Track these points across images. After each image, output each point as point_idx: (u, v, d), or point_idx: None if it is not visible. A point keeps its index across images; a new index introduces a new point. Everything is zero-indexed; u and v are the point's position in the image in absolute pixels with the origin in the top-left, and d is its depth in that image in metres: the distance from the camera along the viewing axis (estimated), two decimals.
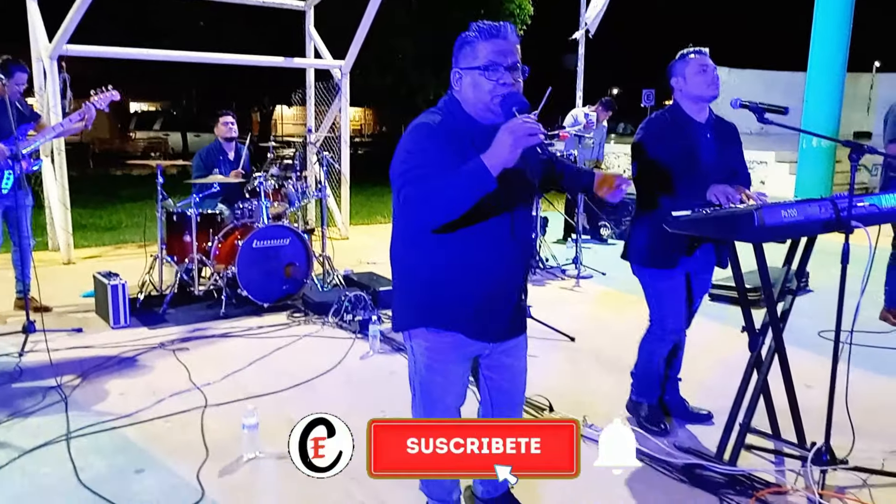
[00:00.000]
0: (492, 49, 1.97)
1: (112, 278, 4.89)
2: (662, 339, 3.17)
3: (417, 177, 1.90)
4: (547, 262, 6.64)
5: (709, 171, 2.97)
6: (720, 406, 3.08)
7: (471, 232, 2.04)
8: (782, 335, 2.88)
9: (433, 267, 2.12)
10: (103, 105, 4.72)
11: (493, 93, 1.97)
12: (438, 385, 2.24)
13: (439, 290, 2.13)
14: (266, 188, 5.39)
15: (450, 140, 1.97)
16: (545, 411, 3.38)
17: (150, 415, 3.46)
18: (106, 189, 13.10)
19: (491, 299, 2.13)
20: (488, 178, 1.81)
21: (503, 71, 1.97)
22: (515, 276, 2.16)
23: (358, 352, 4.34)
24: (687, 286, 3.15)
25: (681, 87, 3.04)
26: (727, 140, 3.12)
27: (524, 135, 1.79)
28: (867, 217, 2.66)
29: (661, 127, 3.02)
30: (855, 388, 3.67)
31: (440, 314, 2.14)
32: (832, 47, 10.40)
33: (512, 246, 2.09)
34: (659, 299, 3.14)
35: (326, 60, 7.89)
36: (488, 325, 2.16)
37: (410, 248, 2.16)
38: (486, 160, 1.82)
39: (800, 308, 5.12)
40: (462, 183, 1.83)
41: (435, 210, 1.89)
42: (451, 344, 2.17)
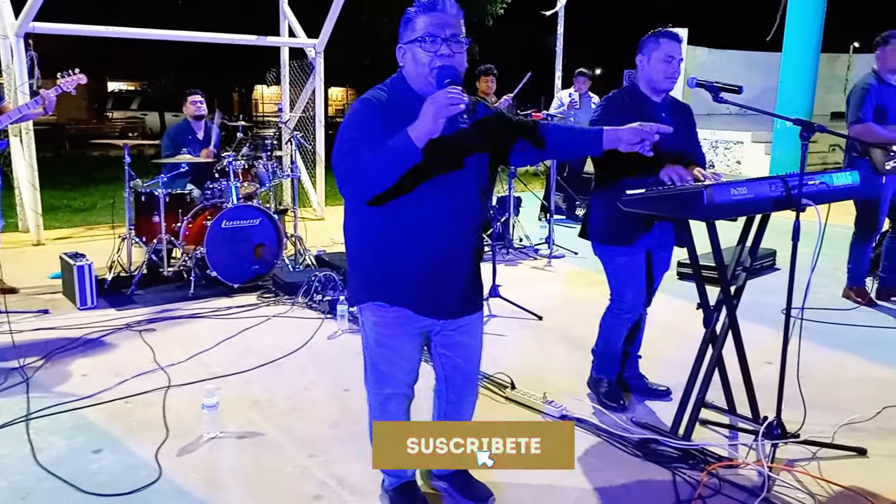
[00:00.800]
0: (429, 21, 1.99)
1: (78, 259, 4.85)
2: (622, 316, 3.21)
3: (349, 150, 1.95)
4: (521, 241, 6.67)
5: (665, 150, 2.98)
6: (680, 382, 3.12)
7: (410, 206, 2.05)
8: (735, 312, 2.92)
9: (376, 241, 2.14)
10: (70, 88, 4.62)
11: (431, 65, 1.98)
12: (387, 359, 2.26)
13: (383, 264, 2.15)
14: (235, 168, 5.35)
15: (390, 115, 1.99)
16: (507, 388, 3.41)
17: (112, 395, 3.45)
18: (81, 170, 12.95)
19: (435, 274, 2.13)
20: (413, 150, 1.85)
21: (441, 42, 1.98)
22: (460, 252, 2.16)
23: (326, 332, 4.35)
24: (647, 264, 3.17)
25: (643, 67, 3.05)
26: (682, 120, 3.14)
27: (445, 104, 1.81)
28: (818, 195, 2.69)
29: (618, 106, 3.04)
30: (811, 364, 3.76)
31: (385, 288, 2.16)
32: (806, 28, 10.46)
33: (453, 221, 2.09)
34: (618, 276, 3.17)
35: (300, 39, 7.80)
36: (435, 301, 2.17)
37: (356, 222, 2.19)
38: (411, 132, 1.86)
39: (766, 286, 5.24)
40: (388, 155, 1.88)
41: (363, 182, 1.94)
42: (397, 319, 2.18)
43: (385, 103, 2.03)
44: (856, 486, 2.66)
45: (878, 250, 5.07)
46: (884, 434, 3.09)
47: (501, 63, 7.52)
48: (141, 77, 26.02)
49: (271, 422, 3.21)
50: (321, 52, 7.74)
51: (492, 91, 6.74)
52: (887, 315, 4.74)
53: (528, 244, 6.61)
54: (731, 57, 18.42)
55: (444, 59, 1.97)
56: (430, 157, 1.90)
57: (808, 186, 2.64)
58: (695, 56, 17.50)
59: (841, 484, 2.66)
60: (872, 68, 4.70)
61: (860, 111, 4.54)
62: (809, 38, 10.50)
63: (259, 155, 5.68)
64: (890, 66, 4.58)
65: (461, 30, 2.03)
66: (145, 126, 19.67)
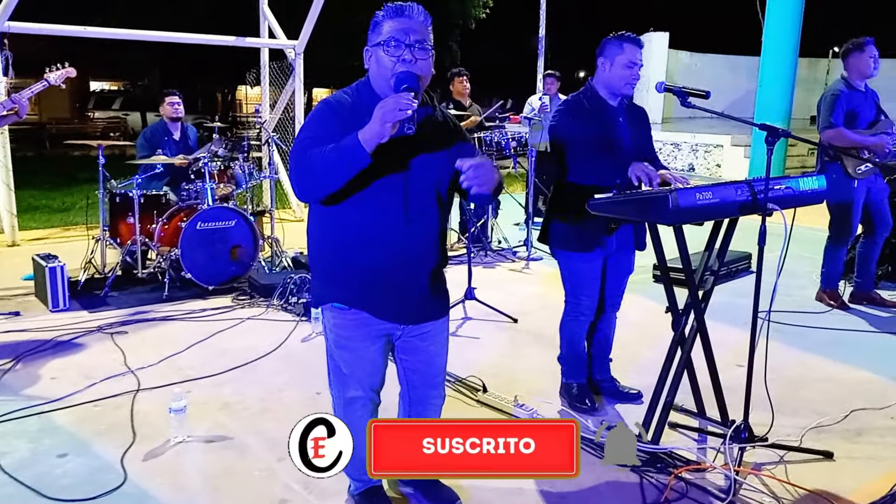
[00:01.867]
0: (395, 27, 1.99)
1: (50, 260, 4.79)
2: (578, 318, 3.23)
3: (300, 149, 1.98)
4: (499, 243, 6.68)
5: (623, 153, 3.02)
6: (652, 384, 3.13)
7: (363, 208, 2.06)
8: (704, 315, 2.94)
9: (332, 241, 2.15)
10: (58, 81, 4.49)
11: (392, 70, 1.98)
12: (347, 361, 2.25)
13: (338, 265, 2.16)
14: (211, 169, 5.31)
15: (349, 117, 1.99)
16: (479, 392, 3.41)
17: (81, 399, 3.42)
18: (62, 170, 12.83)
19: (390, 279, 2.13)
20: (361, 153, 1.86)
21: (404, 48, 1.98)
22: (418, 259, 2.15)
23: (300, 334, 4.32)
24: (605, 268, 3.19)
25: (604, 71, 3.05)
26: (639, 124, 3.18)
27: (393, 109, 1.82)
28: (784, 199, 2.71)
29: (577, 110, 3.06)
30: (780, 365, 3.80)
31: (343, 290, 2.16)
32: (784, 32, 10.56)
33: (407, 227, 2.09)
34: (574, 280, 3.19)
35: (280, 40, 7.77)
36: (394, 306, 2.17)
37: (315, 222, 2.19)
38: (361, 135, 1.87)
39: (743, 289, 5.27)
40: (336, 156, 1.90)
41: (312, 180, 1.96)
42: (356, 321, 2.18)
43: (347, 106, 2.04)
44: (821, 489, 2.68)
45: (851, 254, 5.12)
46: (850, 436, 3.12)
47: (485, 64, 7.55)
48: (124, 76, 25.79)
49: (241, 424, 3.18)
50: (301, 53, 7.71)
51: (466, 91, 6.72)
52: (858, 318, 4.79)
53: (507, 246, 6.62)
54: (713, 60, 18.59)
55: (405, 64, 1.98)
56: (377, 160, 1.91)
57: (774, 191, 2.66)
58: (677, 59, 17.65)
59: (807, 487, 2.68)
60: (842, 75, 4.75)
61: (831, 116, 4.59)
62: (787, 42, 10.60)
63: (236, 156, 5.65)
64: (859, 73, 4.64)
65: (427, 36, 2.03)
66: (127, 126, 19.50)
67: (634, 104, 3.24)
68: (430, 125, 2.11)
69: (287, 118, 8.33)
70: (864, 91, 4.70)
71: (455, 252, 6.32)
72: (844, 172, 4.66)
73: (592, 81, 3.12)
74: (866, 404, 3.42)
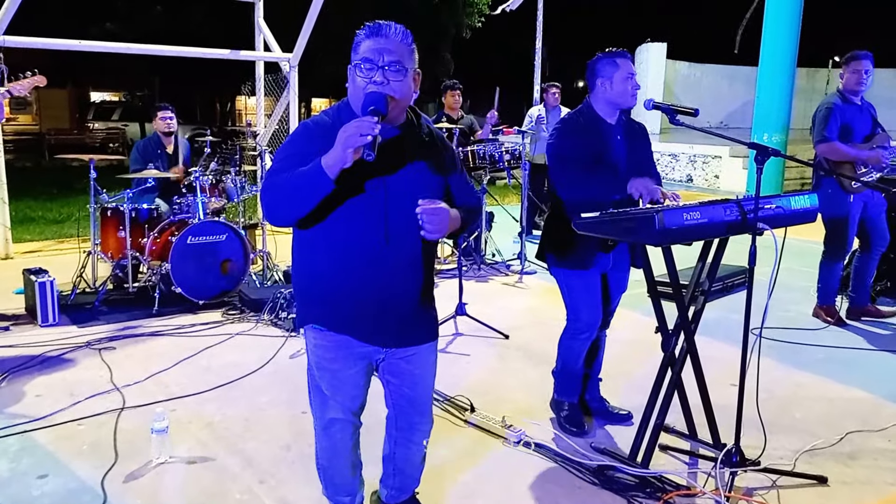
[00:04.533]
0: (370, 47, 1.96)
1: (40, 275, 4.76)
2: (578, 336, 3.18)
3: (271, 171, 1.97)
4: (493, 257, 6.63)
5: (621, 171, 2.99)
6: (643, 404, 3.08)
7: (340, 230, 2.02)
8: (694, 336, 2.89)
9: (313, 264, 2.12)
10: (22, 91, 4.44)
11: (364, 90, 1.95)
12: (327, 384, 2.21)
13: (321, 289, 2.12)
14: (203, 183, 5.28)
15: (324, 137, 1.95)
16: (467, 411, 3.36)
17: (65, 417, 3.37)
18: (60, 180, 12.78)
19: (371, 301, 2.08)
20: (324, 179, 1.84)
21: (376, 69, 1.95)
22: (400, 281, 2.10)
23: (289, 350, 4.28)
24: (604, 285, 3.15)
25: (605, 90, 3.03)
26: (637, 141, 3.14)
27: (354, 134, 1.79)
28: (774, 219, 2.67)
29: (574, 129, 3.03)
30: (774, 384, 3.75)
31: (324, 313, 2.12)
32: (782, 42, 10.56)
33: (387, 252, 2.05)
34: (574, 296, 3.14)
35: (275, 53, 7.76)
36: (375, 329, 2.12)
37: (297, 244, 2.16)
38: (324, 161, 1.84)
39: (736, 304, 5.22)
40: (299, 182, 1.88)
41: (277, 206, 1.94)
42: (337, 343, 2.13)
43: (325, 127, 2.00)
44: None
45: (847, 269, 5.07)
46: (844, 459, 3.07)
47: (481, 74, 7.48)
48: (124, 87, 25.88)
49: (223, 444, 3.13)
50: (295, 66, 7.70)
51: (458, 105, 6.68)
52: (855, 335, 4.73)
53: (500, 260, 6.58)
54: (711, 71, 18.60)
55: (377, 85, 1.94)
56: (355, 180, 1.90)
57: (764, 210, 2.62)
58: (675, 70, 17.65)
59: None
60: (837, 88, 4.72)
61: (825, 130, 4.56)
62: (785, 53, 10.59)
63: (227, 169, 5.62)
64: (853, 86, 4.61)
65: (406, 57, 1.98)
66: (126, 136, 19.50)
67: (633, 120, 3.21)
68: (413, 143, 2.08)
69: (282, 130, 8.31)
70: (860, 104, 4.67)
71: (447, 265, 6.28)
72: (840, 187, 4.62)
73: (590, 100, 3.09)
74: (861, 426, 3.37)
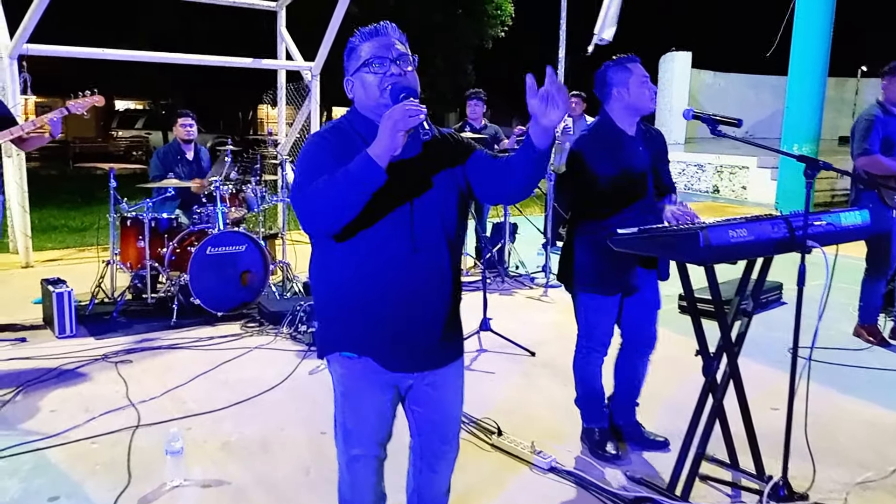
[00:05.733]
0: (374, 46, 1.90)
1: (59, 286, 4.70)
2: (591, 354, 3.05)
3: (304, 183, 1.83)
4: (517, 269, 6.49)
5: (646, 185, 2.86)
6: (680, 429, 2.92)
7: (367, 242, 1.89)
8: (737, 360, 2.72)
9: (337, 282, 1.97)
10: (80, 110, 4.40)
11: (381, 85, 1.87)
12: (353, 415, 2.07)
13: (344, 312, 1.98)
14: (223, 192, 5.21)
15: (341, 147, 1.86)
16: (493, 435, 3.21)
17: (79, 434, 3.28)
18: (83, 189, 12.86)
19: (399, 322, 1.95)
20: (375, 170, 1.71)
21: (389, 63, 1.88)
22: (427, 297, 1.97)
23: (308, 366, 4.16)
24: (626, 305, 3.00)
25: (623, 97, 2.90)
26: (657, 149, 3.03)
27: (403, 117, 1.69)
28: (824, 236, 2.50)
29: (595, 143, 2.89)
30: (817, 408, 3.54)
31: (349, 338, 1.98)
32: (812, 51, 10.32)
33: (415, 262, 1.91)
34: (589, 317, 3.03)
35: (297, 62, 7.72)
36: (404, 353, 1.98)
37: (318, 267, 2.02)
38: (371, 151, 1.72)
39: (773, 321, 5.03)
40: (348, 179, 1.74)
41: (322, 211, 1.79)
42: (362, 371, 2.00)
43: (338, 135, 1.92)
44: None
45: (890, 286, 4.85)
46: None
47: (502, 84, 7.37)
48: (149, 96, 26.15)
49: (240, 465, 3.02)
50: (317, 74, 7.65)
51: (479, 115, 6.55)
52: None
53: (524, 272, 6.43)
54: (737, 80, 18.31)
55: (394, 77, 1.86)
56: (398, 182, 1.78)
57: (813, 227, 2.46)
58: (700, 79, 17.41)
59: None
60: (877, 99, 4.53)
61: (866, 142, 4.37)
62: (816, 62, 10.35)
63: (248, 179, 5.54)
64: (892, 98, 4.41)
65: (408, 52, 1.93)
66: (149, 145, 19.64)
67: (651, 128, 3.09)
68: (431, 144, 1.96)
69: (303, 139, 8.26)
70: None
71: (471, 277, 6.14)
72: (881, 202, 4.42)
73: (607, 111, 2.95)
74: None
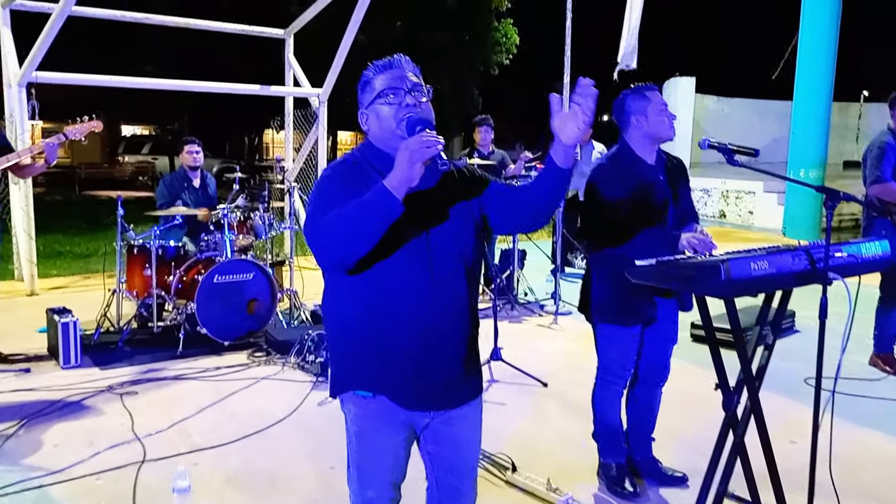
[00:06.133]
0: (388, 78, 1.88)
1: (64, 315, 4.65)
2: (610, 386, 3.00)
3: (318, 215, 1.79)
4: (525, 296, 6.43)
5: (666, 214, 2.82)
6: (697, 464, 2.85)
7: (384, 279, 1.84)
8: (758, 394, 2.65)
9: (350, 320, 1.92)
10: (78, 136, 4.38)
11: (397, 116, 1.84)
12: (368, 457, 2.00)
13: (358, 347, 1.92)
14: (231, 220, 5.18)
15: (355, 179, 1.83)
16: (508, 471, 3.13)
17: (83, 470, 3.21)
18: (89, 215, 12.89)
19: (417, 357, 1.90)
20: (392, 201, 1.67)
21: (403, 93, 1.86)
22: (446, 330, 1.92)
23: (316, 398, 4.09)
24: (652, 339, 2.95)
25: (641, 125, 2.87)
26: (678, 178, 3.00)
27: (420, 148, 1.66)
28: (846, 268, 2.45)
29: (614, 173, 2.86)
30: (840, 446, 3.45)
31: (363, 375, 1.93)
32: (818, 76, 10.33)
33: (433, 293, 1.87)
34: (609, 350, 2.97)
35: (304, 89, 7.75)
36: (421, 391, 1.93)
37: (331, 301, 1.97)
38: (387, 182, 1.69)
39: (787, 350, 4.95)
40: (363, 211, 1.70)
41: (337, 244, 1.74)
42: (378, 410, 1.94)
43: (352, 167, 1.89)
44: None
45: None
46: None
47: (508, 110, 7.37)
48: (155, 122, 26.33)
49: (247, 501, 2.96)
50: (325, 101, 7.67)
51: (487, 141, 6.54)
52: None
53: (533, 299, 6.37)
54: (740, 105, 18.35)
55: (409, 108, 1.84)
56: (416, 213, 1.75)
57: (834, 259, 2.40)
58: (703, 104, 17.45)
59: None
60: (888, 125, 4.50)
61: (878, 170, 4.33)
62: (821, 87, 10.36)
63: (256, 206, 5.52)
64: None
65: (421, 82, 1.92)
66: (155, 170, 19.76)
67: (671, 156, 3.06)
68: (447, 175, 1.93)
69: (310, 165, 8.26)
70: None
71: (480, 305, 6.07)
72: (895, 229, 4.37)
73: (626, 139, 2.92)
74: None
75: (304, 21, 7.81)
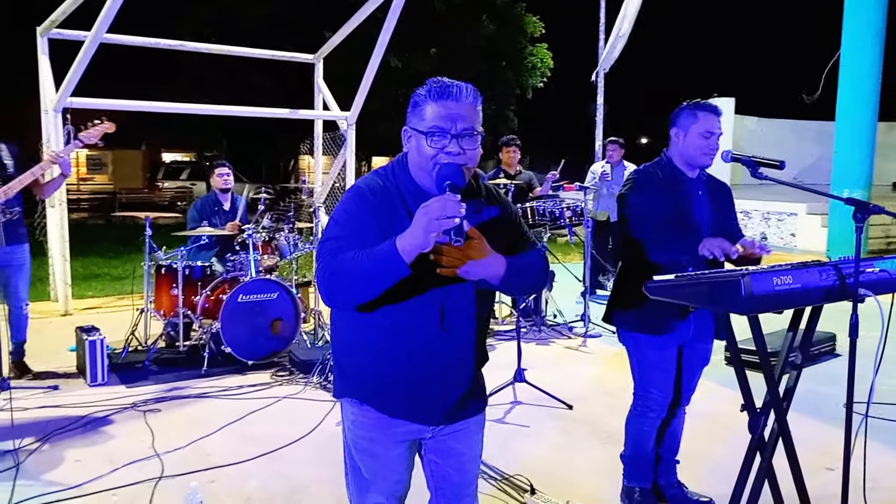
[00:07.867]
0: (439, 113, 1.72)
1: (92, 333, 4.71)
2: (647, 414, 2.87)
3: (332, 249, 1.73)
4: (554, 318, 6.32)
5: (701, 228, 2.71)
6: (725, 491, 2.71)
7: (393, 321, 1.79)
8: (786, 416, 2.52)
9: (356, 344, 1.89)
10: (93, 139, 4.34)
11: (434, 159, 1.73)
12: (366, 465, 1.96)
13: (358, 370, 1.90)
14: (256, 240, 5.22)
15: (382, 204, 1.76)
16: (526, 493, 3.03)
17: (100, 486, 3.22)
18: (126, 238, 13.17)
19: (422, 391, 1.86)
20: (400, 265, 1.60)
21: (450, 139, 1.71)
22: (454, 368, 1.88)
23: (336, 416, 4.05)
24: (680, 357, 2.83)
25: (677, 142, 2.78)
26: (720, 199, 2.87)
27: (438, 217, 1.54)
28: (878, 284, 2.32)
29: (651, 180, 2.77)
30: (876, 470, 3.27)
31: (366, 389, 1.89)
32: (861, 96, 10.07)
33: (443, 340, 1.83)
34: (645, 370, 2.84)
35: (333, 112, 7.84)
36: (424, 408, 1.88)
37: (338, 321, 1.95)
38: (399, 242, 1.60)
39: (826, 374, 4.75)
40: (370, 267, 1.64)
41: (340, 291, 1.70)
42: (378, 421, 1.90)
43: (379, 193, 1.79)
44: None
45: None
46: None
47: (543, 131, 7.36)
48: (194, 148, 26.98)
49: None
50: (353, 124, 7.74)
51: (515, 162, 6.47)
52: None
53: (562, 321, 6.25)
54: (780, 126, 18.04)
55: (451, 156, 1.71)
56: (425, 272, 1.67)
57: (865, 274, 2.28)
58: (743, 125, 17.20)
59: None
60: None
61: None
62: (866, 106, 10.09)
63: (281, 227, 5.56)
64: None
65: (476, 120, 1.76)
66: (193, 195, 20.19)
67: (716, 179, 2.94)
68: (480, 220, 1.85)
69: (339, 188, 8.33)
70: None
71: (505, 326, 5.99)
72: None
73: (668, 152, 2.84)
74: None
75: (332, 46, 7.92)
